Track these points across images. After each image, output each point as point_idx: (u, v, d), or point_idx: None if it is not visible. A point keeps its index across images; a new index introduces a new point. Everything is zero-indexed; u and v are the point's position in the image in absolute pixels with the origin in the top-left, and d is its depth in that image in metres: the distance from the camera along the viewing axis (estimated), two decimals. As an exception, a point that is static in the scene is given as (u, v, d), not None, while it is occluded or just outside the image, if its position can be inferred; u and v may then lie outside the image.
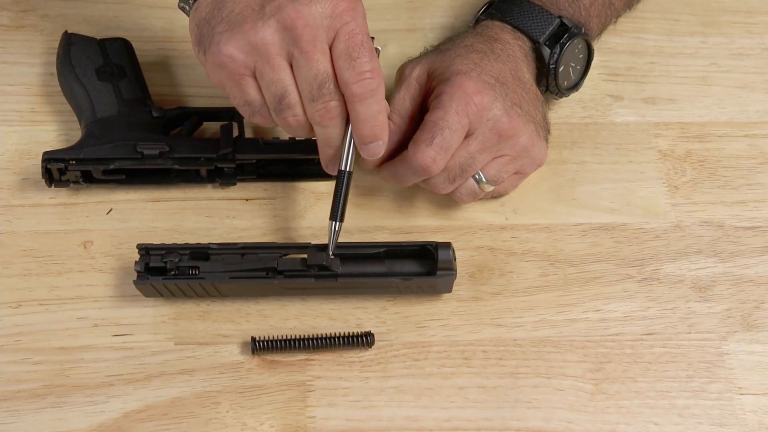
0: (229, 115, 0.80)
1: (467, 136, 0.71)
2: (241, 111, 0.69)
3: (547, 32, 0.77)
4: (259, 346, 0.70)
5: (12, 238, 0.75)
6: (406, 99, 0.74)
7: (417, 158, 0.70)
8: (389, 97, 0.74)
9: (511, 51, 0.76)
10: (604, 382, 0.71)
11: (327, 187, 0.79)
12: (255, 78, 0.67)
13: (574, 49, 0.79)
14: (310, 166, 0.78)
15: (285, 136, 0.78)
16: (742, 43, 0.89)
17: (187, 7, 0.69)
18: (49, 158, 0.74)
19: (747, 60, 0.88)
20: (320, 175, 0.79)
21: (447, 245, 0.72)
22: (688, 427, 0.69)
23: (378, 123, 0.67)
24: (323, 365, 0.71)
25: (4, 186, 0.77)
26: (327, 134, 0.68)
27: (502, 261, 0.76)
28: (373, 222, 0.77)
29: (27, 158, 0.78)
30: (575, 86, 0.82)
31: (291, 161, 0.78)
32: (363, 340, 0.71)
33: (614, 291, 0.75)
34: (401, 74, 0.75)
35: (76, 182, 0.76)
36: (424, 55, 0.77)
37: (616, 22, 0.86)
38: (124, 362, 0.70)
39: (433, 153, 0.69)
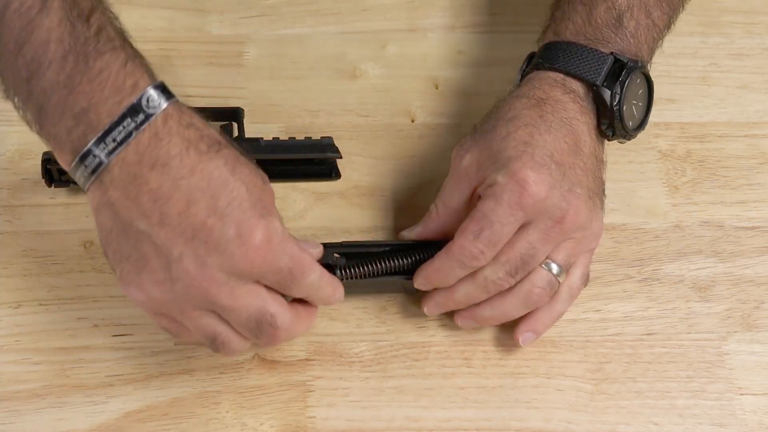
0: (230, 115, 0.80)
1: (525, 225, 0.66)
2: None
3: (603, 72, 0.69)
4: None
5: (12, 238, 0.75)
6: (454, 190, 0.69)
7: (464, 248, 0.65)
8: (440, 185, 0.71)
9: (563, 111, 0.68)
10: (604, 382, 0.71)
11: (327, 187, 0.78)
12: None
13: (633, 85, 0.71)
14: (310, 166, 0.78)
15: (285, 135, 0.79)
16: (742, 43, 0.89)
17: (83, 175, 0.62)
18: (49, 158, 0.74)
19: (747, 60, 0.88)
20: (320, 175, 0.79)
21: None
22: (688, 427, 0.69)
23: (326, 297, 0.65)
24: (323, 365, 0.71)
25: (4, 186, 0.77)
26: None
27: (502, 261, 0.76)
28: (373, 222, 0.77)
29: (27, 158, 0.78)
30: (641, 125, 0.73)
31: (291, 161, 0.78)
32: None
33: (614, 291, 0.75)
34: (453, 160, 0.70)
35: (76, 182, 0.76)
36: (473, 136, 0.70)
37: (662, 44, 0.75)
38: (124, 362, 0.70)
39: (481, 246, 0.65)
